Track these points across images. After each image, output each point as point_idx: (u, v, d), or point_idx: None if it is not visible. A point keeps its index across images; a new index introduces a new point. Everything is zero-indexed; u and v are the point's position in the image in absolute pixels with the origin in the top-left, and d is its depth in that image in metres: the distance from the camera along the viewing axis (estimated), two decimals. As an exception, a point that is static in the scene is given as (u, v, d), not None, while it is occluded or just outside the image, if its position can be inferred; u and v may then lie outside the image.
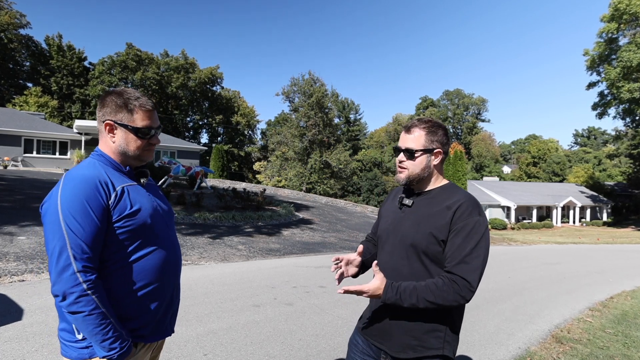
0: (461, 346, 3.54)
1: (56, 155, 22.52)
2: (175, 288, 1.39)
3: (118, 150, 1.29)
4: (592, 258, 11.17)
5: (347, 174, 37.80)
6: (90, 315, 1.11)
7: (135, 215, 1.23)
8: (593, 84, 31.71)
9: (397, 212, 1.45)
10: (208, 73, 46.01)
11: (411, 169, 1.39)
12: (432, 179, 1.42)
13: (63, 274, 1.11)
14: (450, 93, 68.94)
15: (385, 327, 1.39)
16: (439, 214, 1.33)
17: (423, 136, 1.38)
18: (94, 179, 1.19)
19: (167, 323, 1.37)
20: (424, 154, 1.38)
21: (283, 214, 11.75)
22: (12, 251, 5.57)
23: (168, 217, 1.40)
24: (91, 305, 1.11)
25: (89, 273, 1.13)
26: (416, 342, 1.32)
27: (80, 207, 1.14)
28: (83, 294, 1.10)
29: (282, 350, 3.17)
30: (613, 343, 3.82)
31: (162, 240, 1.31)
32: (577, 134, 77.98)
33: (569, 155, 57.85)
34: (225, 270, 5.92)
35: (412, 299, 1.25)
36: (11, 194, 9.71)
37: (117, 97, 1.28)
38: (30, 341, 2.99)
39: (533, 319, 4.56)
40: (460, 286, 1.23)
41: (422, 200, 1.41)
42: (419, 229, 1.34)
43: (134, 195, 1.26)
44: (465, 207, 1.30)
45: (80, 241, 1.13)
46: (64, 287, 1.10)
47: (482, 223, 1.29)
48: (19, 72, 39.85)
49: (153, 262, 1.27)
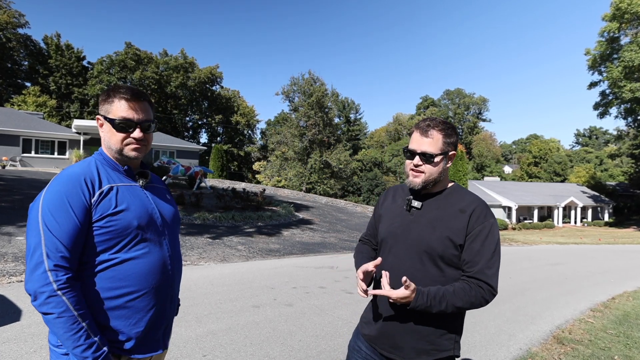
0: (462, 347, 3.50)
1: (55, 155, 22.41)
2: (169, 299, 1.28)
3: (105, 145, 1.25)
4: (593, 258, 11.15)
5: (347, 174, 37.79)
6: (60, 318, 1.04)
7: (118, 214, 1.15)
8: (595, 83, 31.60)
9: (405, 215, 1.41)
10: (207, 72, 45.95)
11: (428, 173, 1.34)
12: (441, 182, 1.40)
13: (35, 272, 1.05)
14: (451, 92, 68.88)
15: (396, 336, 1.36)
16: (454, 218, 1.32)
17: (441, 139, 1.34)
18: (80, 176, 1.15)
19: (159, 337, 1.26)
20: (442, 158, 1.34)
21: (283, 214, 11.73)
22: (11, 251, 5.56)
23: (169, 222, 1.32)
24: (61, 307, 1.04)
25: (61, 272, 1.06)
26: (431, 347, 1.32)
27: (60, 204, 1.09)
28: (53, 294, 1.04)
29: (281, 352, 3.15)
30: (614, 344, 3.80)
31: (153, 245, 1.22)
32: (579, 134, 77.84)
33: (570, 155, 57.76)
34: (225, 271, 5.90)
35: (441, 306, 1.25)
36: (9, 194, 9.71)
37: (107, 89, 1.25)
38: (29, 342, 2.99)
39: (534, 320, 4.54)
40: (485, 291, 1.26)
41: (431, 202, 1.39)
42: (433, 234, 1.32)
43: (124, 195, 1.20)
44: (480, 210, 1.31)
45: (55, 239, 1.07)
46: (34, 285, 1.05)
47: (496, 226, 1.32)
48: (17, 72, 39.71)
49: (139, 268, 1.18)
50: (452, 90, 68.97)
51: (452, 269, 1.31)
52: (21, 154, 21.29)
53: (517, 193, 35.55)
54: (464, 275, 1.30)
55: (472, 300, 1.25)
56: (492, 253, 1.27)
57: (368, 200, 38.28)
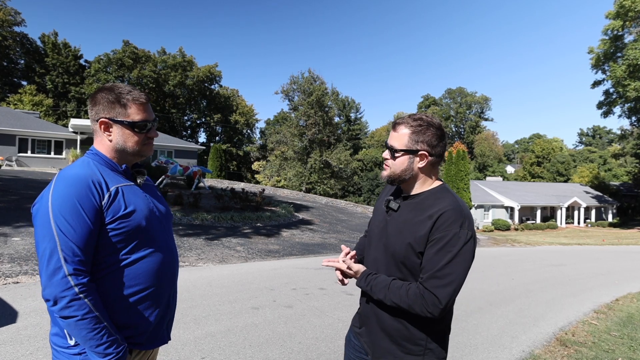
0: (464, 349, 3.52)
1: (51, 154, 22.28)
2: (172, 293, 1.36)
3: (116, 148, 1.26)
4: (597, 260, 11.10)
5: (347, 173, 37.77)
6: (83, 320, 1.07)
7: (130, 216, 1.19)
8: (598, 82, 31.44)
9: (383, 215, 1.40)
10: (206, 71, 45.75)
11: (392, 169, 1.32)
12: (418, 183, 1.33)
13: (54, 277, 1.07)
14: (453, 91, 68.75)
15: (370, 332, 1.38)
16: (420, 224, 1.25)
17: (407, 135, 1.29)
18: (87, 178, 1.15)
19: (164, 330, 1.33)
20: (405, 155, 1.30)
21: (282, 215, 11.69)
22: (7, 252, 5.54)
23: (165, 219, 1.35)
24: (84, 310, 1.07)
25: (80, 276, 1.08)
26: (395, 347, 1.30)
27: (72, 207, 1.10)
28: (75, 297, 1.06)
29: (281, 354, 3.13)
30: (618, 346, 3.78)
31: (158, 243, 1.27)
32: (582, 133, 77.66)
33: (573, 155, 57.59)
34: (224, 272, 5.87)
35: (380, 294, 1.27)
36: (5, 194, 9.67)
37: (109, 92, 1.24)
38: (25, 344, 2.97)
39: (537, 322, 4.51)
40: (428, 301, 1.18)
41: (407, 204, 1.33)
42: (398, 238, 1.28)
43: (129, 196, 1.22)
44: (446, 217, 1.21)
45: (71, 243, 1.08)
46: (54, 291, 1.06)
47: (462, 236, 1.19)
48: (13, 70, 39.53)
49: (148, 266, 1.23)
50: (453, 89, 68.85)
51: (414, 277, 1.26)
52: (17, 153, 21.20)
53: (520, 193, 35.47)
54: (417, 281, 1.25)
55: (410, 304, 1.21)
56: (445, 264, 1.18)
57: (369, 201, 38.24)
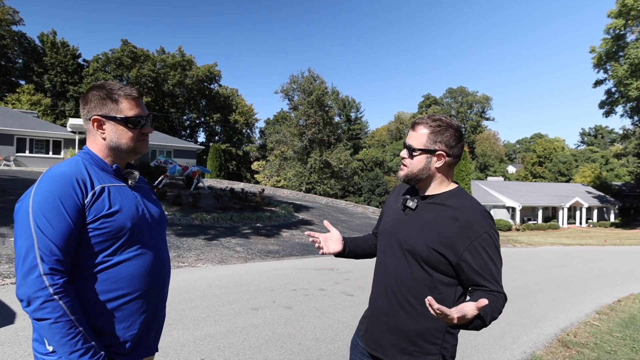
0: (465, 350, 3.50)
1: (49, 154, 22.15)
2: (160, 301, 1.29)
3: (110, 145, 1.22)
4: (599, 260, 11.07)
5: (347, 173, 37.71)
6: (56, 323, 1.01)
7: (113, 216, 1.14)
8: (600, 81, 31.32)
9: (400, 214, 1.40)
10: (206, 70, 45.52)
11: (410, 168, 1.35)
12: (435, 183, 1.35)
13: (28, 276, 1.02)
14: (454, 91, 68.64)
15: (380, 333, 1.38)
16: (445, 225, 1.28)
17: (426, 135, 1.32)
18: (72, 176, 1.11)
19: (151, 340, 1.26)
20: (422, 154, 1.32)
21: (282, 215, 11.66)
22: (4, 253, 5.54)
23: (157, 223, 1.30)
24: (58, 312, 1.01)
25: (57, 276, 1.03)
26: (413, 347, 1.30)
27: (53, 205, 1.05)
28: (49, 299, 1.01)
29: (281, 355, 3.12)
30: (621, 347, 3.76)
31: (145, 247, 1.22)
32: (584, 133, 77.46)
33: (575, 155, 57.37)
34: (223, 273, 5.86)
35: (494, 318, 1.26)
36: (3, 195, 9.63)
37: (100, 90, 1.21)
38: (23, 345, 2.96)
39: (539, 323, 4.49)
40: (503, 301, 1.27)
41: (426, 204, 1.36)
42: (420, 237, 1.30)
43: (116, 196, 1.18)
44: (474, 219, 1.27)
45: (49, 241, 1.04)
46: (28, 290, 1.01)
47: (496, 234, 1.28)
48: (11, 70, 39.31)
49: (133, 270, 1.17)
50: (454, 89, 68.75)
51: (439, 273, 1.29)
52: (15, 153, 21.12)
53: (521, 193, 35.39)
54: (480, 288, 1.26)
55: (501, 310, 1.26)
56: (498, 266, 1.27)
57: (369, 201, 38.19)
